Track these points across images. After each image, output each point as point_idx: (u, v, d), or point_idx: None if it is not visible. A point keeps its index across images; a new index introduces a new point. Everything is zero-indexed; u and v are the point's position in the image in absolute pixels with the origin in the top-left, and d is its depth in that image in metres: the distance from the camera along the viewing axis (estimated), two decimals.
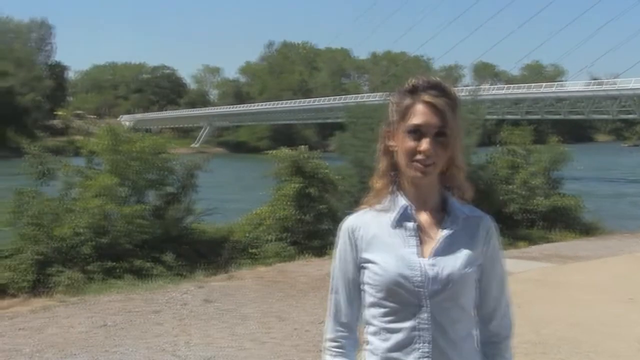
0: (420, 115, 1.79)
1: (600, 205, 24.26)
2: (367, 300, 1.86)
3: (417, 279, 1.78)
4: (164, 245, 13.98)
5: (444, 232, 1.83)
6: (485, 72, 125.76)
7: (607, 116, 63.55)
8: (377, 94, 52.40)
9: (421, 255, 1.80)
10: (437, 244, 1.82)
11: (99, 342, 6.66)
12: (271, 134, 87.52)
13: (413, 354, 1.79)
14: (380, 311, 1.83)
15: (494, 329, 1.92)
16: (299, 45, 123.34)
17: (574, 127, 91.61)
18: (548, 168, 20.33)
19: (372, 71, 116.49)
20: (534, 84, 68.07)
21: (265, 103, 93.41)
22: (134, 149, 15.03)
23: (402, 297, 1.79)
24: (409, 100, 1.81)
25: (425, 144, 1.77)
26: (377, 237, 1.85)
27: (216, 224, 16.42)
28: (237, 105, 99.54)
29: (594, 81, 65.08)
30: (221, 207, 17.20)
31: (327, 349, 1.93)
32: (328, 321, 1.95)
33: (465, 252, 1.82)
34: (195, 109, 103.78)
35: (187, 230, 15.42)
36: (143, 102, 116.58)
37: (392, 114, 1.85)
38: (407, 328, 1.79)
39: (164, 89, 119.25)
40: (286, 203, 15.97)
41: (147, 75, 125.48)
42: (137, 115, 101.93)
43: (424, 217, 1.85)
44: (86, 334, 6.95)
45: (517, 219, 18.59)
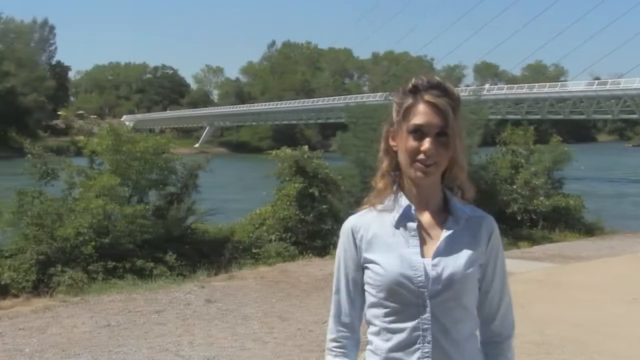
0: (421, 115, 1.78)
1: (602, 205, 24.26)
2: (369, 300, 1.86)
3: (419, 279, 1.78)
4: (166, 245, 14.00)
5: (446, 232, 1.82)
6: (487, 72, 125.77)
7: (608, 116, 63.54)
8: (378, 94, 52.44)
9: (423, 255, 1.80)
10: (439, 244, 1.81)
11: (102, 342, 6.66)
12: (273, 134, 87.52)
13: (415, 354, 1.78)
14: (381, 311, 1.83)
15: (495, 329, 1.92)
16: (301, 45, 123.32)
17: (576, 127, 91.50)
18: (550, 168, 20.32)
19: (372, 71, 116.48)
20: (537, 84, 68.05)
21: (267, 103, 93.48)
22: (136, 149, 15.05)
23: (404, 297, 1.79)
24: (411, 100, 1.81)
25: (426, 144, 1.77)
26: (379, 237, 1.85)
27: (218, 224, 16.44)
28: (238, 105, 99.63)
29: (597, 81, 64.95)
30: (223, 207, 17.23)
31: (329, 349, 1.94)
32: (330, 321, 1.95)
33: (467, 252, 1.82)
34: (197, 109, 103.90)
35: (189, 230, 15.45)
36: (145, 102, 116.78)
37: (394, 114, 1.85)
38: (408, 328, 1.79)
39: (166, 89, 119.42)
40: (288, 203, 15.99)
41: (149, 76, 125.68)
42: (138, 116, 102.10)
43: (426, 217, 1.85)
44: (89, 334, 6.95)
45: (518, 219, 18.59)
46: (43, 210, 13.53)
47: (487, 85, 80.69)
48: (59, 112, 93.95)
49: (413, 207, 1.84)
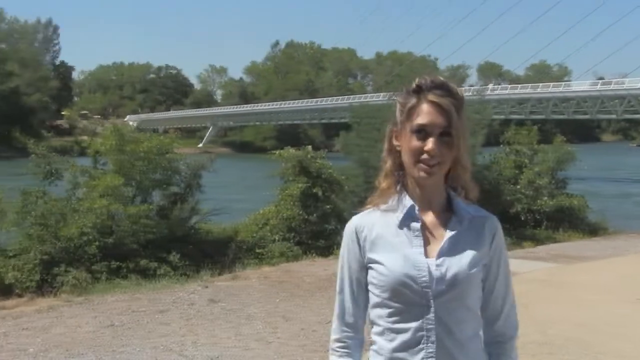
0: (425, 115, 1.78)
1: (606, 205, 24.16)
2: (373, 301, 1.86)
3: (423, 279, 1.78)
4: (170, 245, 14.00)
5: (450, 233, 1.82)
6: (491, 72, 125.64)
7: (612, 116, 63.41)
8: (382, 94, 52.41)
9: (427, 255, 1.80)
10: (442, 244, 1.81)
11: (106, 341, 6.68)
12: (276, 134, 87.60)
13: (419, 355, 1.78)
14: (385, 311, 1.83)
15: (499, 329, 1.92)
16: (305, 45, 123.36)
17: (579, 127, 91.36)
18: (553, 168, 20.29)
19: (376, 71, 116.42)
20: (541, 84, 67.98)
21: (271, 103, 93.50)
22: (139, 149, 15.06)
23: (408, 297, 1.79)
24: (414, 100, 1.81)
25: (430, 143, 1.76)
26: (383, 237, 1.85)
27: (221, 224, 16.43)
28: (242, 106, 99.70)
29: (601, 81, 64.80)
30: (226, 207, 17.19)
31: (332, 349, 1.94)
32: (334, 321, 1.95)
33: (471, 252, 1.81)
34: (200, 109, 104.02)
35: (193, 230, 15.45)
36: (148, 102, 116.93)
37: (398, 114, 1.85)
38: (412, 328, 1.79)
39: (170, 89, 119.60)
40: (291, 203, 15.99)
41: (152, 76, 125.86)
42: (142, 116, 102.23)
43: (430, 217, 1.85)
44: (93, 334, 6.97)
45: (522, 219, 18.56)
46: (47, 210, 13.55)
47: (490, 85, 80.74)
48: (62, 112, 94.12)
49: (417, 207, 1.84)
